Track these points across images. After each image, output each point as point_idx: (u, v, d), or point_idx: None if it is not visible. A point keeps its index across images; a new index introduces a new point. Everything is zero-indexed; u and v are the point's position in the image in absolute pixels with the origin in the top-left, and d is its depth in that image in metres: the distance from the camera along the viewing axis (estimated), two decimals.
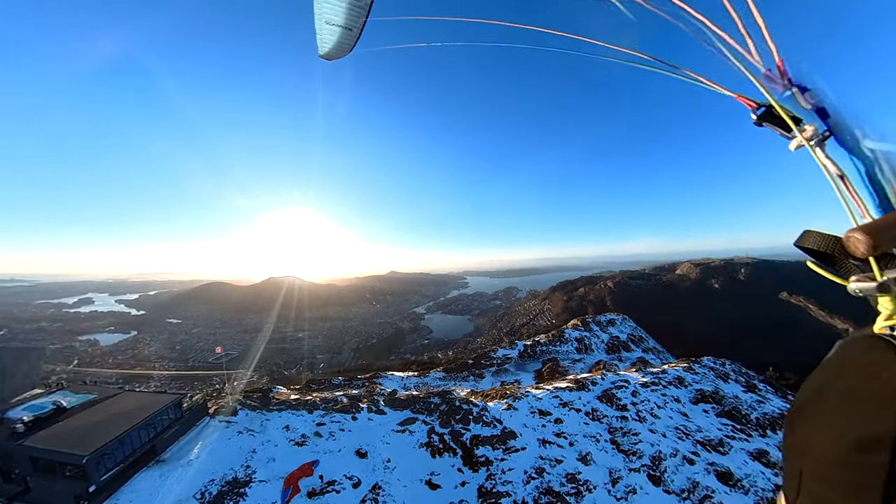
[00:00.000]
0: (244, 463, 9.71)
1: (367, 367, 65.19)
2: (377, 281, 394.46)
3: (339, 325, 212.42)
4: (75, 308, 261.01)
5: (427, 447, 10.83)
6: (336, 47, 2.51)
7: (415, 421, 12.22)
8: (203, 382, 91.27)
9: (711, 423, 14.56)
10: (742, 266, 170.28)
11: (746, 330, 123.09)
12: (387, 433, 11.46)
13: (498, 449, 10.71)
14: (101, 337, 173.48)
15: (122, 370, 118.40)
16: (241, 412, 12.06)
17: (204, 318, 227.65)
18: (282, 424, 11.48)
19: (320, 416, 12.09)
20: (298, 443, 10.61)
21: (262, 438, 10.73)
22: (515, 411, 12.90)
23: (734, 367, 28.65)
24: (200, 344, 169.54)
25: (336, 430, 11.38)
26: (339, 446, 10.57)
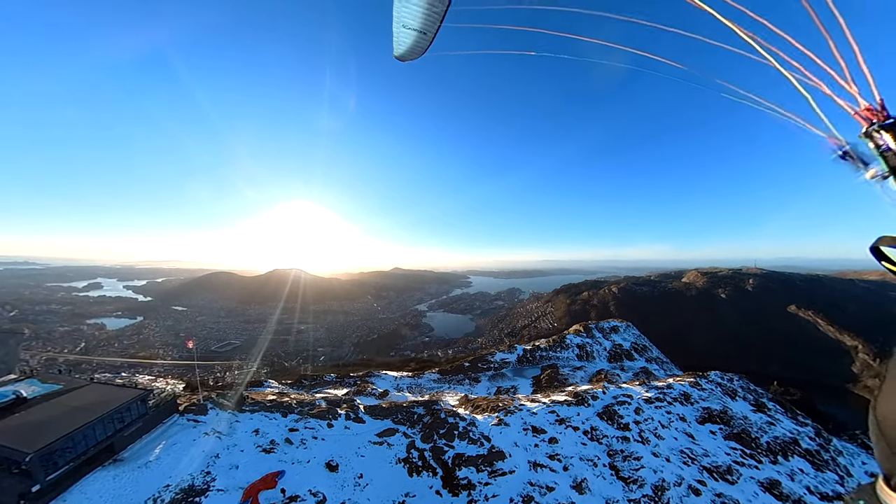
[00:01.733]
0: (205, 468, 8.88)
1: (367, 363, 64.66)
2: (381, 277, 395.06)
3: (340, 319, 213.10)
4: (84, 292, 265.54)
5: (405, 464, 9.87)
6: (410, 49, 2.64)
7: (395, 433, 11.25)
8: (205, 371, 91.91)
9: (719, 447, 13.40)
10: (750, 277, 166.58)
11: (752, 342, 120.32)
12: (363, 444, 10.51)
13: (483, 471, 9.71)
14: (109, 321, 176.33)
15: (125, 357, 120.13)
16: (212, 412, 11.20)
17: (209, 306, 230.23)
18: (252, 428, 10.60)
19: (294, 420, 11.19)
20: (267, 449, 9.71)
21: (228, 442, 9.86)
22: (506, 427, 11.84)
23: (742, 384, 27.28)
24: (204, 332, 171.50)
25: (309, 437, 10.46)
26: (309, 456, 9.65)
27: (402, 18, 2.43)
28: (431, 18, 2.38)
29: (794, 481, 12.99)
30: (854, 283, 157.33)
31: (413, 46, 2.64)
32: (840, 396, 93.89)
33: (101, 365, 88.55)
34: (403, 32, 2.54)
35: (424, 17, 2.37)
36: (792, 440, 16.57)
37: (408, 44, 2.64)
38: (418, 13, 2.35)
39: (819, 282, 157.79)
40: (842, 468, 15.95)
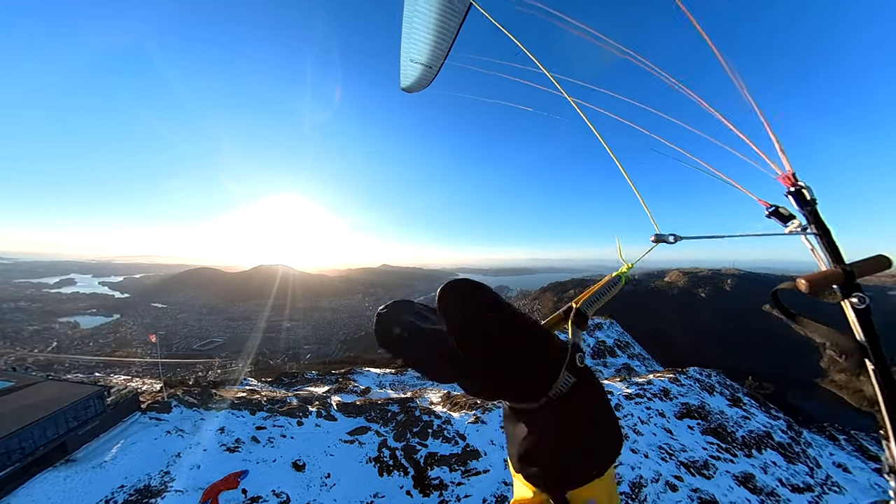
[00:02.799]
0: (164, 468, 8.36)
1: (354, 360, 63.94)
2: (369, 273, 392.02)
3: (328, 316, 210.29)
4: (56, 288, 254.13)
5: (376, 463, 9.52)
6: (417, 82, 2.80)
7: (367, 431, 10.86)
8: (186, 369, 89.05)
9: (696, 442, 13.54)
10: (728, 277, 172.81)
11: (730, 339, 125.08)
12: (333, 443, 10.09)
13: (456, 470, 9.43)
14: (82, 319, 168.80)
15: (101, 355, 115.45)
16: (176, 409, 10.60)
17: (190, 303, 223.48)
18: (218, 426, 10.06)
19: (263, 418, 10.68)
20: (231, 448, 9.22)
21: (191, 440, 9.34)
22: (483, 425, 11.56)
23: (719, 379, 27.88)
24: (185, 330, 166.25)
25: (277, 435, 9.99)
26: (275, 455, 9.20)
27: (410, 53, 2.57)
28: (437, 54, 2.53)
29: (767, 474, 13.23)
30: None
31: (419, 79, 2.81)
32: (809, 390, 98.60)
33: (74, 364, 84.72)
34: (410, 66, 2.68)
35: (431, 53, 2.53)
36: (765, 433, 17.01)
37: (414, 76, 2.79)
38: (425, 49, 2.51)
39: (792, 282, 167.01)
40: (811, 460, 16.50)
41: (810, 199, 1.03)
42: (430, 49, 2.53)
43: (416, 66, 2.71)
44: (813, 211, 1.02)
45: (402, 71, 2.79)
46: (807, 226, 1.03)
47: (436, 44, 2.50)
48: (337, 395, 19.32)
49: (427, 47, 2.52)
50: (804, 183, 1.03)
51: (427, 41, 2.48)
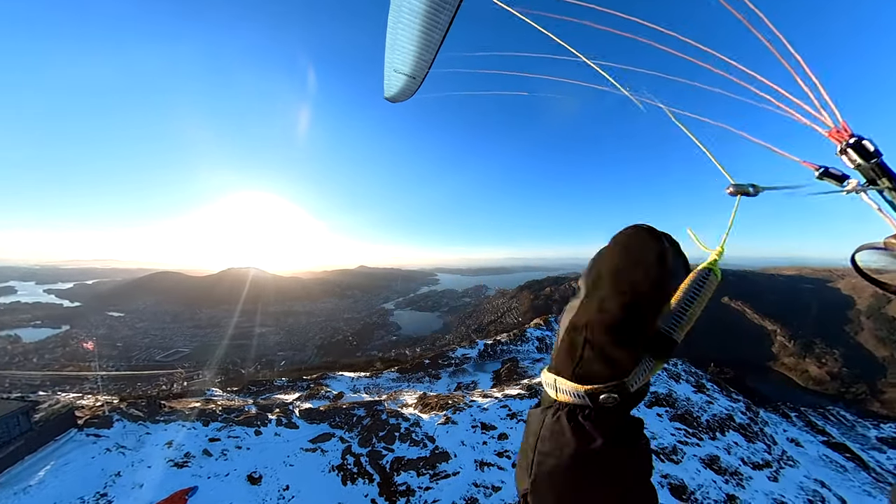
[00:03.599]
0: (101, 490, 7.44)
1: (331, 365, 61.86)
2: (345, 275, 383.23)
3: (303, 320, 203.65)
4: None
5: (339, 471, 8.97)
6: (401, 92, 2.81)
7: (330, 437, 10.26)
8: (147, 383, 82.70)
9: (665, 429, 13.97)
10: None
11: (693, 329, 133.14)
12: (294, 452, 9.43)
13: (424, 474, 9.06)
14: (24, 332, 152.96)
15: (48, 371, 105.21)
16: (118, 423, 9.52)
17: (151, 311, 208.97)
18: (165, 440, 9.11)
19: (216, 429, 9.81)
20: (179, 464, 8.35)
21: (134, 458, 8.37)
22: (454, 426, 11.28)
23: (685, 367, 29.25)
24: (146, 340, 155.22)
25: (231, 447, 9.17)
26: (229, 468, 8.43)
27: (394, 63, 2.57)
28: (420, 65, 2.54)
29: (730, 454, 13.80)
30: (773, 278, 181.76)
31: (403, 89, 2.82)
32: (763, 373, 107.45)
33: (15, 383, 76.53)
34: (394, 76, 2.69)
35: (414, 63, 2.54)
36: (727, 416, 17.91)
37: (398, 87, 2.80)
38: (409, 60, 2.52)
39: (746, 277, 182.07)
40: (768, 437, 17.71)
41: (873, 150, 0.86)
42: (414, 60, 2.52)
43: (400, 77, 2.71)
44: (879, 165, 0.86)
45: (386, 81, 2.77)
46: (866, 184, 0.88)
47: (419, 55, 2.49)
48: (307, 401, 18.43)
49: (411, 58, 2.51)
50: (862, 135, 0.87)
51: (411, 52, 2.47)
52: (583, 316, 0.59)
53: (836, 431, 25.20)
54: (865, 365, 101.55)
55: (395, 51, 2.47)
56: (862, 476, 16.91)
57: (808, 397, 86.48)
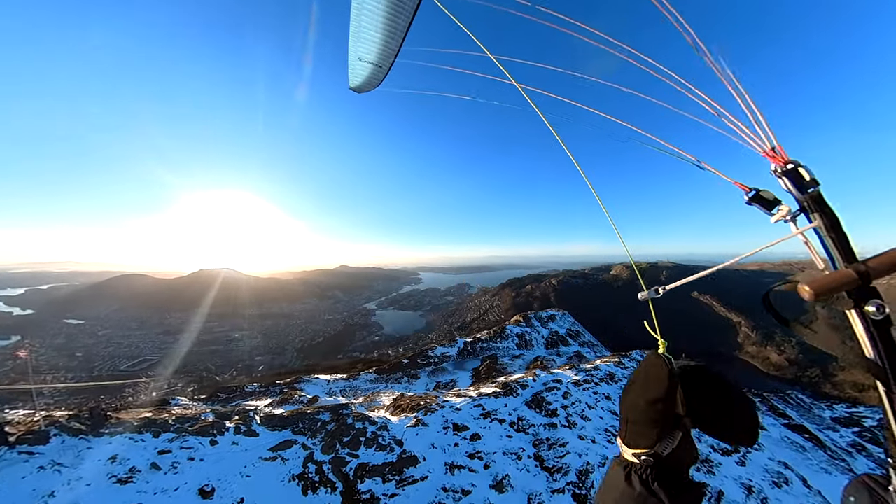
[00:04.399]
0: None
1: (312, 368, 60.18)
2: (326, 275, 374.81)
3: (282, 322, 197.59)
4: None
5: (299, 480, 8.44)
6: (366, 82, 2.77)
7: (292, 445, 9.67)
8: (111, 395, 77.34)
9: None
10: (664, 269, 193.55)
11: (666, 323, 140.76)
12: (252, 462, 8.79)
13: (390, 481, 8.66)
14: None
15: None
16: (56, 439, 8.57)
17: (115, 317, 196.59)
18: (109, 454, 8.27)
19: (168, 440, 9.02)
20: (123, 479, 7.59)
21: (71, 475, 7.55)
22: (424, 428, 10.89)
23: None
24: (110, 349, 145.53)
25: (183, 459, 8.44)
26: (178, 483, 7.73)
27: (358, 52, 2.48)
28: (386, 53, 2.46)
29: (700, 442, 14.20)
30: (738, 273, 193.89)
31: (369, 79, 2.72)
32: (730, 362, 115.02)
33: None
34: (359, 65, 2.60)
35: (380, 52, 2.46)
36: None
37: (364, 76, 2.70)
38: (374, 48, 2.42)
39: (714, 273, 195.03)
40: None
41: (810, 179, 0.81)
42: (380, 48, 2.44)
43: (366, 66, 2.63)
44: (815, 196, 0.80)
45: (351, 70, 2.72)
46: (798, 212, 0.84)
47: (385, 42, 2.41)
48: (279, 407, 17.61)
49: (376, 46, 2.43)
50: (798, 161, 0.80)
51: (376, 40, 2.39)
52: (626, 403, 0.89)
53: (796, 414, 26.87)
54: (819, 351, 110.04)
55: (359, 38, 2.39)
56: (819, 454, 18.03)
57: (770, 382, 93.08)
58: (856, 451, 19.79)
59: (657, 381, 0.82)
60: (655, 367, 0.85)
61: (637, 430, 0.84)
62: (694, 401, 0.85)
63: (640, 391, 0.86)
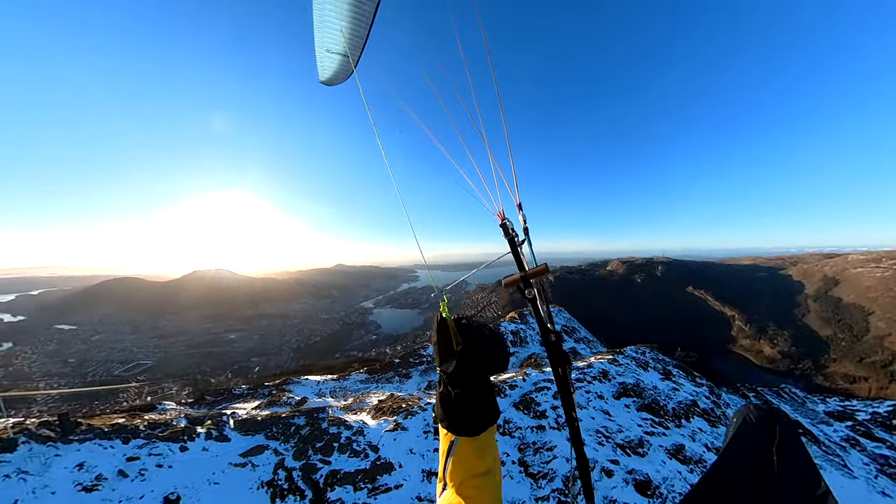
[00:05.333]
0: None
1: (308, 369, 59.48)
2: (322, 274, 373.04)
3: (278, 323, 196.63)
4: None
5: (269, 488, 8.03)
6: (335, 74, 2.71)
7: (264, 450, 9.25)
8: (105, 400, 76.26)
9: (632, 419, 13.77)
10: (659, 264, 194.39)
11: (661, 317, 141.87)
12: (221, 469, 8.40)
13: (362, 489, 8.24)
14: None
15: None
16: (24, 446, 8.24)
17: (108, 321, 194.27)
18: (76, 461, 7.88)
19: (137, 446, 8.59)
20: (89, 487, 7.24)
21: (36, 483, 7.24)
22: (403, 432, 10.41)
23: (653, 355, 29.85)
24: (103, 354, 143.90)
25: (152, 466, 8.06)
26: (145, 490, 7.37)
27: (325, 43, 2.32)
28: (354, 42, 2.30)
29: (694, 441, 13.86)
30: (732, 268, 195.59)
31: (338, 71, 2.60)
32: (724, 355, 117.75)
33: None
34: (327, 57, 2.45)
35: (347, 41, 2.28)
36: (692, 402, 18.25)
37: (333, 68, 2.57)
38: (340, 38, 2.26)
39: (708, 267, 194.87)
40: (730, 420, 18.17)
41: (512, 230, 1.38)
42: (347, 37, 2.32)
43: (334, 57, 2.53)
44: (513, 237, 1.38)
45: (319, 63, 2.59)
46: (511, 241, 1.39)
47: (352, 31, 2.30)
48: (267, 409, 17.05)
49: (342, 35, 2.30)
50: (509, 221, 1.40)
51: (342, 28, 2.26)
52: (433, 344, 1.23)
53: (789, 408, 26.58)
54: (811, 344, 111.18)
55: (324, 28, 2.27)
56: (814, 450, 17.67)
57: (763, 374, 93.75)
58: (849, 446, 19.61)
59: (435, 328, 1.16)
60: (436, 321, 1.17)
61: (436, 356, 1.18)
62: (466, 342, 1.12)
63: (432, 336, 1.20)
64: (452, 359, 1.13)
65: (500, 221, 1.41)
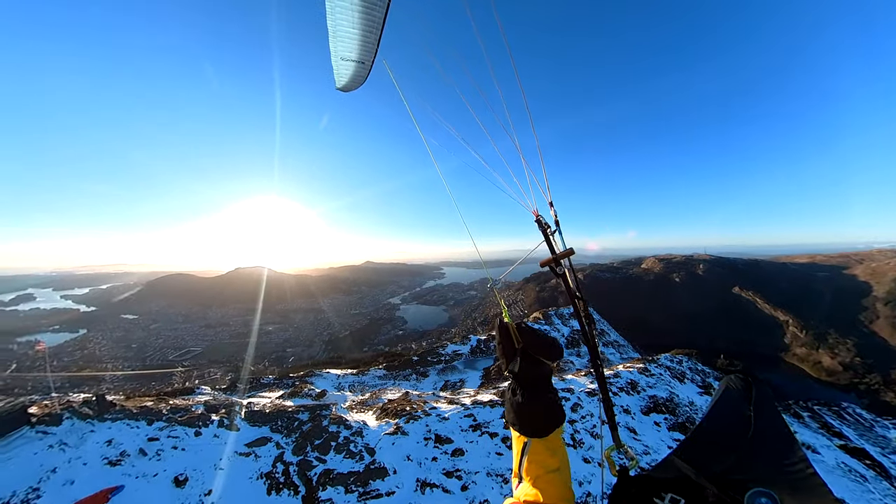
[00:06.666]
0: (34, 484, 7.60)
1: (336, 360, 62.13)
2: (352, 271, 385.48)
3: (311, 317, 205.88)
4: (12, 306, 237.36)
5: (266, 479, 8.45)
6: (352, 80, 2.82)
7: (267, 442, 9.73)
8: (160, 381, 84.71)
9: (662, 440, 12.64)
10: (700, 262, 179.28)
11: (702, 321, 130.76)
12: (228, 456, 9.01)
13: (353, 492, 8.39)
14: (45, 337, 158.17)
15: (66, 373, 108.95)
16: (67, 421, 9.44)
17: (164, 312, 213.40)
18: (106, 438, 8.86)
19: (158, 428, 9.45)
20: (113, 462, 8.14)
21: (72, 454, 8.28)
22: (403, 437, 10.44)
23: (690, 364, 27.71)
24: (160, 341, 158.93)
25: (168, 447, 8.85)
26: (159, 469, 8.14)
27: (340, 52, 2.47)
28: (367, 48, 2.43)
29: None
30: (786, 266, 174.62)
31: (354, 77, 2.75)
32: (774, 363, 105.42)
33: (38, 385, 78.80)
34: (343, 64, 2.59)
35: (360, 48, 2.43)
36: None
37: (348, 75, 2.71)
38: (354, 45, 2.41)
39: (757, 266, 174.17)
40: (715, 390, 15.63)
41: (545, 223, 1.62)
42: (359, 44, 2.44)
43: (349, 64, 2.63)
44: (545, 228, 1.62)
45: (336, 71, 2.72)
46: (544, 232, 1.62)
47: (364, 38, 2.40)
48: (289, 399, 18.05)
49: (355, 43, 2.43)
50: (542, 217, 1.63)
51: (354, 36, 2.39)
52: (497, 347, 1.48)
53: (854, 433, 22.68)
54: (880, 354, 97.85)
55: (337, 37, 2.39)
56: (884, 486, 14.51)
57: (821, 389, 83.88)
58: None
59: (497, 331, 1.39)
60: (497, 325, 1.41)
61: (502, 359, 1.38)
62: (525, 339, 1.33)
63: (496, 339, 1.42)
64: (516, 356, 1.34)
65: (535, 217, 1.65)
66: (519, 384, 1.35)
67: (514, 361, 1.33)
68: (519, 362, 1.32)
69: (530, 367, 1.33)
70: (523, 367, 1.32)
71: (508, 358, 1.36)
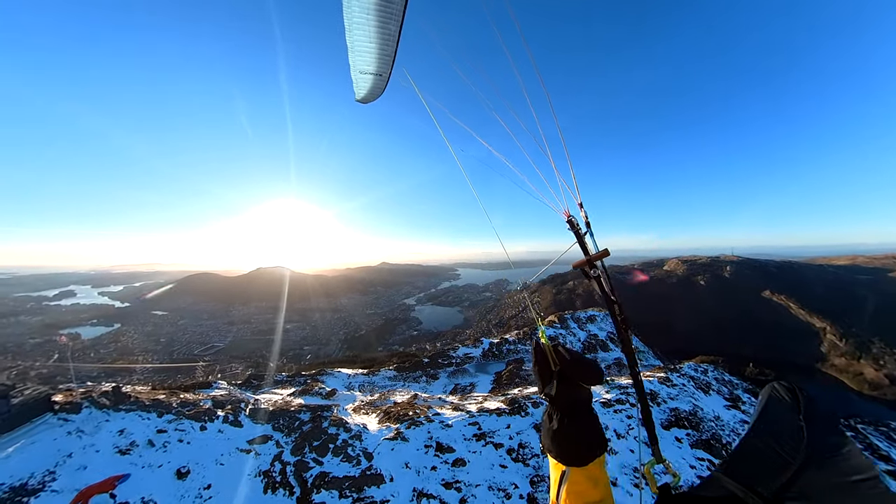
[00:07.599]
0: (51, 468, 7.91)
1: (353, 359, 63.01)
2: (368, 272, 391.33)
3: (328, 316, 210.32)
4: (56, 301, 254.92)
5: (264, 478, 8.41)
6: (370, 92, 2.93)
7: (268, 440, 9.72)
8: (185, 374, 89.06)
9: (684, 458, 11.66)
10: (727, 264, 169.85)
11: (729, 326, 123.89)
12: (230, 451, 9.07)
13: (347, 497, 8.18)
14: (84, 330, 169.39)
15: (102, 364, 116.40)
16: (86, 410, 9.92)
17: (190, 309, 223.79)
18: (119, 428, 9.17)
19: (167, 421, 9.67)
20: (123, 451, 8.42)
21: (87, 441, 8.68)
22: (403, 443, 10.14)
23: (716, 374, 26.05)
24: (186, 336, 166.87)
25: (174, 440, 9.05)
26: (164, 460, 8.33)
27: (358, 65, 2.56)
28: (384, 60, 2.51)
29: None
30: (823, 269, 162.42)
31: (372, 89, 2.82)
32: (809, 374, 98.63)
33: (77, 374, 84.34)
34: (361, 77, 2.68)
35: (378, 61, 2.52)
36: None
37: (367, 87, 2.79)
38: (371, 59, 2.49)
39: (791, 268, 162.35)
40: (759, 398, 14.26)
41: (577, 224, 1.61)
42: (377, 57, 2.51)
43: (367, 77, 2.70)
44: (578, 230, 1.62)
45: (355, 84, 2.82)
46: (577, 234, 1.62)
47: (381, 51, 2.47)
48: (300, 397, 18.21)
49: (373, 56, 2.50)
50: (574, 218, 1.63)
51: (371, 50, 2.45)
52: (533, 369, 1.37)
53: None
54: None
55: (355, 52, 2.45)
56: None
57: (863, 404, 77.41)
58: None
59: (534, 352, 1.32)
60: (534, 346, 1.34)
61: (538, 381, 1.31)
62: (562, 361, 1.27)
63: (532, 359, 1.35)
64: (552, 379, 1.28)
65: (566, 218, 1.64)
66: (556, 408, 1.28)
67: (551, 385, 1.28)
68: (556, 385, 1.26)
69: (568, 390, 1.26)
70: (560, 390, 1.25)
71: (545, 381, 1.30)
